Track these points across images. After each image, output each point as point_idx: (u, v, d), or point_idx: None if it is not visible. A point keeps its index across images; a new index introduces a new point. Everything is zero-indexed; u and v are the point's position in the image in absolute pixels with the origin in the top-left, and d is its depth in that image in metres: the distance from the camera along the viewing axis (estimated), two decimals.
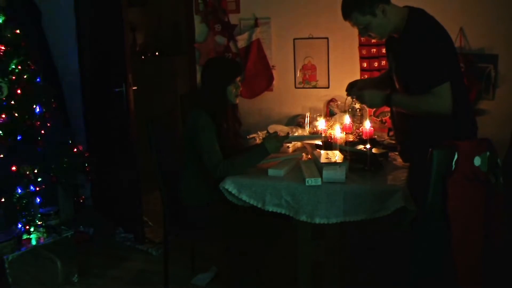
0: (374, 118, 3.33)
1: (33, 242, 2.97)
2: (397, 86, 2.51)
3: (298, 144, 2.98)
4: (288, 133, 2.76)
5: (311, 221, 2.34)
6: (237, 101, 2.78)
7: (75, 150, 3.22)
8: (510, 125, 2.95)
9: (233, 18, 3.82)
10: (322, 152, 2.64)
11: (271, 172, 2.51)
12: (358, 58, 3.57)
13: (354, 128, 3.08)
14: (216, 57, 3.65)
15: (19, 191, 2.89)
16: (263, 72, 3.78)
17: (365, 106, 3.20)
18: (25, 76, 3.03)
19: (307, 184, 2.35)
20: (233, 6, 3.82)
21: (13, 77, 2.95)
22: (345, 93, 2.76)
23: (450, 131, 2.27)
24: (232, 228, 2.67)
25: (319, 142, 2.84)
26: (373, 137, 2.89)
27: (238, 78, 2.70)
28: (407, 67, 2.38)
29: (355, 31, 3.48)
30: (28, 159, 2.93)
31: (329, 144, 2.75)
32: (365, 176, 2.42)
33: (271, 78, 3.79)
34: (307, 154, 2.83)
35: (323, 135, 2.91)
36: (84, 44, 4.13)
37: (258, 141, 3.01)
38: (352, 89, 2.66)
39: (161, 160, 2.77)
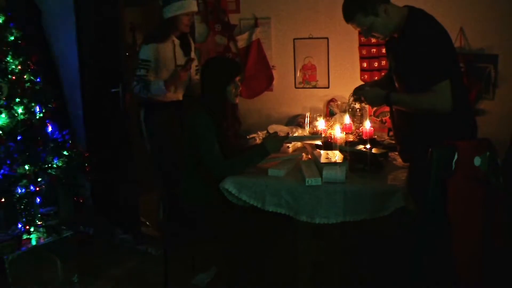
0: (374, 118, 3.33)
1: (33, 242, 2.96)
2: (396, 85, 2.51)
3: (298, 144, 2.98)
4: (288, 133, 2.76)
5: (311, 221, 2.34)
6: (237, 101, 2.78)
7: (75, 150, 3.22)
8: (510, 125, 2.95)
9: (233, 18, 3.82)
10: (322, 152, 2.64)
11: (271, 172, 2.51)
12: (358, 58, 3.57)
13: (354, 128, 3.09)
14: (216, 57, 3.65)
15: (19, 191, 2.89)
16: (263, 72, 3.78)
17: (365, 106, 3.20)
18: (25, 76, 3.02)
19: (307, 184, 2.35)
20: (233, 6, 3.82)
21: (13, 77, 2.95)
22: (346, 93, 2.76)
23: (450, 131, 2.27)
24: (232, 228, 2.67)
25: (319, 142, 2.84)
26: (373, 137, 2.90)
27: (238, 78, 2.71)
28: (407, 65, 2.38)
29: (355, 31, 3.49)
30: (28, 159, 2.93)
31: (329, 144, 2.75)
32: (365, 176, 2.43)
33: (271, 78, 3.79)
34: (307, 154, 2.83)
35: (323, 135, 2.91)
36: (84, 44, 4.13)
37: (258, 141, 3.01)
38: (357, 91, 2.64)
39: (161, 160, 2.77)
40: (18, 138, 2.93)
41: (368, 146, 2.65)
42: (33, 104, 3.03)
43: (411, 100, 2.36)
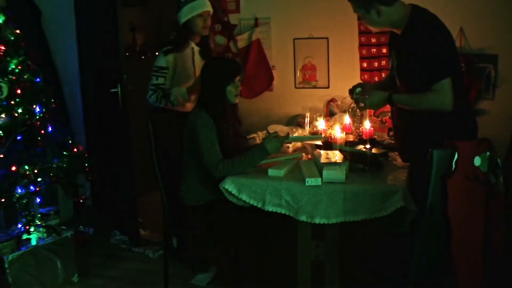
0: (374, 118, 3.33)
1: (33, 242, 2.97)
2: (398, 83, 2.51)
3: (298, 144, 2.98)
4: (288, 133, 2.76)
5: (311, 221, 2.34)
6: (237, 100, 2.78)
7: (75, 150, 3.22)
8: (510, 125, 2.96)
9: (233, 18, 3.83)
10: (322, 152, 2.64)
11: (271, 172, 2.51)
12: (358, 58, 3.57)
13: (354, 128, 3.08)
14: (216, 57, 3.65)
15: (19, 191, 2.89)
16: (263, 72, 3.78)
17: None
18: (25, 76, 3.03)
19: (307, 184, 2.35)
20: (233, 6, 3.82)
21: (13, 77, 2.95)
22: (346, 93, 2.76)
23: (450, 131, 2.27)
24: (232, 228, 2.67)
25: (319, 142, 2.84)
26: (373, 137, 2.89)
27: (238, 78, 2.71)
28: (408, 63, 2.39)
29: (355, 31, 3.51)
30: (28, 159, 2.93)
31: (329, 144, 2.75)
32: (365, 176, 2.42)
33: (271, 78, 3.79)
34: (307, 154, 2.83)
35: (323, 135, 2.91)
36: (84, 44, 4.13)
37: (258, 141, 3.01)
38: (356, 90, 2.64)
39: (161, 160, 2.77)
40: (18, 138, 2.93)
41: (368, 146, 2.65)
42: (33, 104, 3.03)
43: (412, 100, 2.36)
